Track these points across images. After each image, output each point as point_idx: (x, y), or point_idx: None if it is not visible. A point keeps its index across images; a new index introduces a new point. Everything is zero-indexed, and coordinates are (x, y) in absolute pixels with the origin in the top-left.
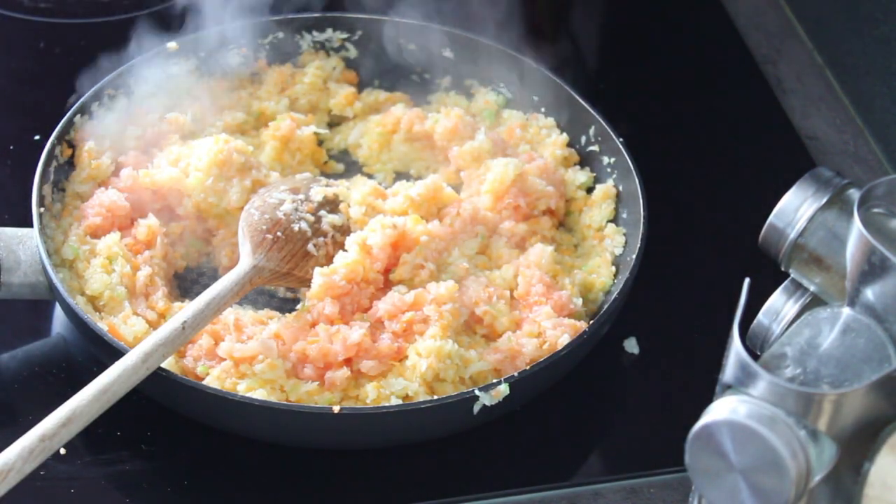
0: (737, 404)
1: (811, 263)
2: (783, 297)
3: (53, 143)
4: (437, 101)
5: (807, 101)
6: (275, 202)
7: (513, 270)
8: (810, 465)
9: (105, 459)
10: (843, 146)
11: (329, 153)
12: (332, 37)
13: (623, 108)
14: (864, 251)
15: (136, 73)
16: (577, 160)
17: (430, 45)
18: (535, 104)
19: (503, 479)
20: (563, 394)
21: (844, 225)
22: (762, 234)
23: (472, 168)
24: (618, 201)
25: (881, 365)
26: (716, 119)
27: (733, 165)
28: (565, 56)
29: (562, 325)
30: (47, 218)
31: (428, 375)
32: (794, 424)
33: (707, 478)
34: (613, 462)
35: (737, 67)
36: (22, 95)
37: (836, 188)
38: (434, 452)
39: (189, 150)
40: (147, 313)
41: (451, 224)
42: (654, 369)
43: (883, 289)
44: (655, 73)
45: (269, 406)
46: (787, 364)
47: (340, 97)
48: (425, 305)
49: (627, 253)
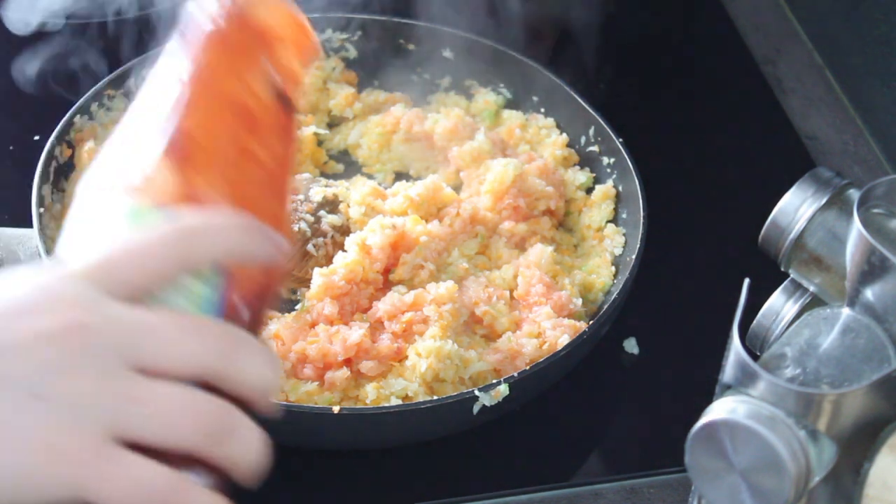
0: (737, 404)
1: (811, 264)
2: (783, 297)
3: (53, 143)
4: (436, 101)
5: (807, 102)
6: None
7: (513, 271)
8: (810, 466)
9: None
10: (843, 146)
11: (329, 153)
12: (331, 37)
13: (623, 108)
14: (864, 251)
15: (135, 73)
16: (576, 160)
17: (430, 46)
18: (535, 104)
19: (503, 479)
20: (563, 394)
21: (844, 225)
22: (762, 234)
23: (472, 168)
24: (617, 201)
25: (881, 365)
26: (716, 119)
27: (733, 165)
28: (565, 56)
29: (562, 326)
30: (47, 218)
31: (428, 376)
32: (794, 424)
33: (707, 478)
34: (613, 462)
35: (737, 67)
36: (22, 95)
37: (836, 188)
38: (434, 452)
39: None
40: None
41: (450, 224)
42: (654, 369)
43: (883, 289)
44: (655, 73)
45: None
46: (786, 364)
47: (340, 97)
48: (425, 306)
49: (627, 253)
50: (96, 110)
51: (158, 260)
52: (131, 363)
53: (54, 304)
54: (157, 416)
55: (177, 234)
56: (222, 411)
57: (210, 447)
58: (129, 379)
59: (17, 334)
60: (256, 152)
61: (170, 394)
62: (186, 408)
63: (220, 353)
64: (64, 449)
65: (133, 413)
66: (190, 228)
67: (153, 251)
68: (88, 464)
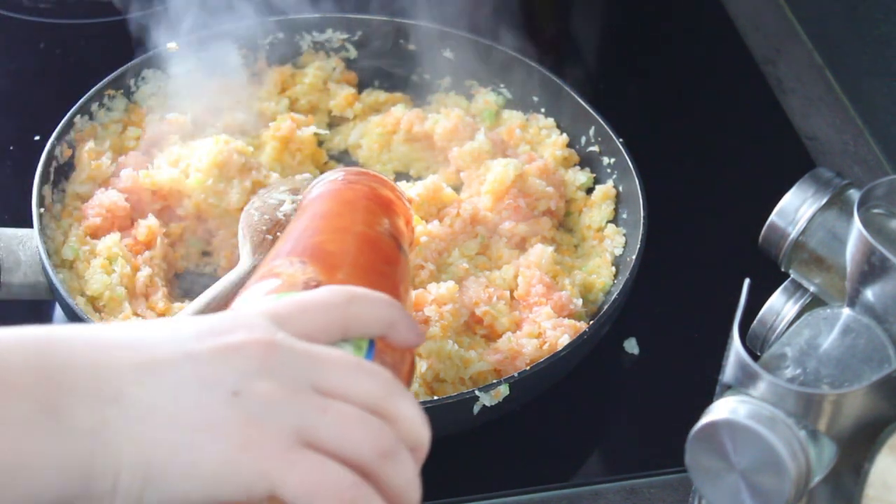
0: (737, 404)
1: (811, 264)
2: (783, 297)
3: (53, 143)
4: (437, 101)
5: (807, 102)
6: (275, 203)
7: (513, 271)
8: (810, 466)
9: None
10: (843, 146)
11: (329, 154)
12: (332, 37)
13: (623, 108)
14: (864, 251)
15: (135, 73)
16: (577, 161)
17: (430, 46)
18: (535, 104)
19: (503, 479)
20: (563, 394)
21: (844, 225)
22: (762, 235)
23: (472, 168)
24: (618, 202)
25: (881, 365)
26: (716, 119)
27: (733, 165)
28: (565, 56)
29: (562, 326)
30: (47, 218)
31: (428, 376)
32: (794, 425)
33: (707, 478)
34: (613, 462)
35: (737, 67)
36: (22, 95)
37: (836, 188)
38: (434, 452)
39: (189, 150)
40: (147, 314)
41: (450, 224)
42: (654, 369)
43: (883, 289)
44: (655, 73)
45: None
46: (787, 364)
47: (340, 98)
48: (426, 306)
49: (627, 253)
50: (96, 110)
51: (326, 314)
52: (312, 383)
53: (247, 326)
54: (339, 425)
55: (344, 295)
56: (393, 436)
57: (381, 465)
58: (314, 393)
59: (218, 345)
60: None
61: (350, 410)
62: (364, 424)
63: (388, 393)
64: (259, 441)
65: (318, 420)
66: (356, 294)
67: (323, 306)
68: (280, 456)
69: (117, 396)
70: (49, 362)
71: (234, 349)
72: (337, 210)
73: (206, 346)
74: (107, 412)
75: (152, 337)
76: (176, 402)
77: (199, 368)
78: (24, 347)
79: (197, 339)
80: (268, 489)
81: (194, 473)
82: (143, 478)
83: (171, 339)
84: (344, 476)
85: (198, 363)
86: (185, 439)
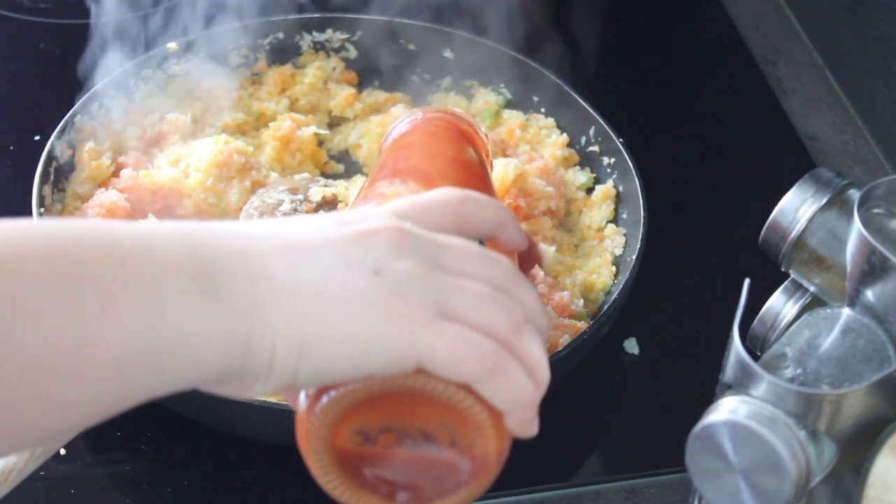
0: (737, 404)
1: (811, 264)
2: (783, 297)
3: (53, 143)
4: (437, 101)
5: (807, 102)
6: (274, 202)
7: None
8: (810, 466)
9: (105, 459)
10: (843, 146)
11: (329, 154)
12: (332, 37)
13: (623, 108)
14: (864, 251)
15: (135, 73)
16: (577, 160)
17: (429, 46)
18: (535, 104)
19: (503, 479)
20: (563, 394)
21: (844, 225)
22: (762, 235)
23: None
24: (618, 202)
25: (881, 365)
26: (716, 119)
27: (733, 165)
28: (565, 56)
29: (562, 326)
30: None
31: None
32: (794, 425)
33: (707, 478)
34: (613, 462)
35: (737, 67)
36: (22, 95)
37: (836, 188)
38: None
39: (189, 150)
40: None
41: None
42: (654, 369)
43: (883, 289)
44: (655, 73)
45: (271, 407)
46: (787, 364)
47: (341, 98)
48: None
49: (627, 253)
50: (97, 110)
51: (443, 212)
52: (442, 266)
53: (377, 216)
54: (476, 300)
55: (459, 195)
56: (523, 312)
57: (515, 338)
58: (447, 273)
59: (356, 231)
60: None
61: (483, 287)
62: (497, 300)
63: (511, 277)
64: (406, 312)
65: (456, 295)
66: (469, 195)
67: (439, 205)
68: (427, 326)
69: (269, 276)
70: (199, 247)
71: (371, 234)
72: (425, 140)
73: (345, 231)
74: (260, 290)
75: (294, 226)
76: (325, 279)
77: (343, 250)
78: (168, 236)
79: (336, 227)
80: (417, 358)
81: (347, 345)
82: (297, 352)
83: (312, 227)
84: (487, 343)
85: (340, 246)
86: (337, 313)
